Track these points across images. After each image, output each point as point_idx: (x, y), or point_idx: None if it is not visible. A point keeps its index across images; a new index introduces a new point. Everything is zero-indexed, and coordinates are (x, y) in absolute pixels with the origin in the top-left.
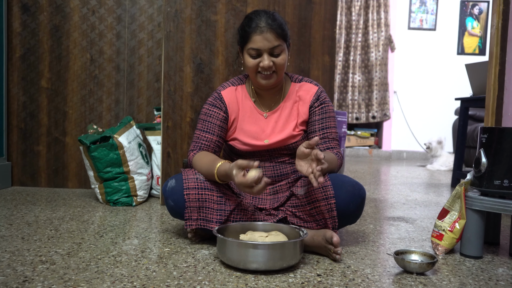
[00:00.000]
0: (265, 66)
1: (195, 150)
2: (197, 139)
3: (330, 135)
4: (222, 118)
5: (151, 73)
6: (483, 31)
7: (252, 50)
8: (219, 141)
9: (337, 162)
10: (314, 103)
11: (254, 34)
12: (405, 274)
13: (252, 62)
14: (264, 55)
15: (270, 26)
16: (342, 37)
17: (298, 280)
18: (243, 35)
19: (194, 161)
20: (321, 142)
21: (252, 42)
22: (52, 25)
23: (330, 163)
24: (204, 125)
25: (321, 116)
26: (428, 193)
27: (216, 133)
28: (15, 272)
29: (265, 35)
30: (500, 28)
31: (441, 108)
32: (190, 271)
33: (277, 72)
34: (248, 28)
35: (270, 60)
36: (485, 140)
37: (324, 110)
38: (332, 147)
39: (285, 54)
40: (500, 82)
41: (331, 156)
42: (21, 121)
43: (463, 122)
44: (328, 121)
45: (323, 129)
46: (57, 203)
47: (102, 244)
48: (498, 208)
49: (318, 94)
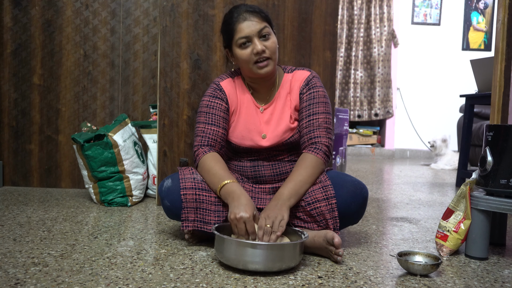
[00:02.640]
0: (258, 50)
1: (203, 145)
2: (202, 132)
3: (316, 122)
4: (224, 109)
5: (147, 69)
6: (489, 26)
7: (241, 39)
8: (224, 134)
9: (319, 162)
10: (303, 89)
11: (238, 23)
12: (409, 276)
13: (245, 53)
14: (254, 40)
15: (252, 10)
16: (343, 32)
17: (298, 283)
18: (228, 29)
19: (203, 161)
20: (305, 132)
21: (239, 32)
22: (44, 20)
23: (309, 177)
24: (208, 117)
25: (308, 102)
26: (432, 192)
27: (221, 125)
28: (7, 275)
29: (249, 21)
30: (506, 22)
31: (445, 105)
32: (187, 273)
33: (272, 57)
34: (231, 20)
35: (262, 44)
36: (491, 138)
37: (312, 95)
38: (315, 137)
39: (274, 37)
40: (506, 79)
41: (307, 166)
42: (13, 119)
43: (468, 120)
44: (315, 107)
45: (309, 116)
46: (50, 204)
47: (96, 245)
48: (504, 208)
49: (309, 79)
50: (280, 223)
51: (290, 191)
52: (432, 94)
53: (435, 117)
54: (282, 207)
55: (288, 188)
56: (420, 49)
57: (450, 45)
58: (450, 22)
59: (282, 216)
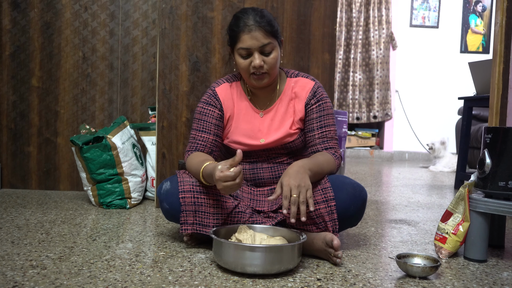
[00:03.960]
0: (256, 65)
1: (191, 150)
2: (193, 139)
3: (328, 134)
4: (217, 116)
5: (146, 72)
6: (487, 28)
7: (242, 50)
8: (216, 140)
9: (334, 163)
10: (310, 100)
11: (243, 33)
12: (408, 278)
13: (243, 63)
14: (255, 54)
15: (259, 24)
16: (342, 34)
17: (297, 285)
18: (232, 35)
19: (187, 162)
20: (319, 142)
21: (241, 42)
22: (43, 22)
23: (326, 166)
24: (200, 124)
25: (318, 114)
26: (431, 195)
27: (212, 132)
28: (5, 277)
29: (253, 34)
30: (504, 25)
31: (444, 108)
32: (186, 276)
33: (269, 72)
34: (236, 28)
35: (261, 59)
36: (489, 140)
37: (321, 107)
38: (330, 147)
39: (276, 52)
40: (504, 81)
41: (326, 158)
42: (11, 121)
43: (466, 122)
44: (326, 119)
45: (321, 128)
46: (48, 206)
47: (95, 248)
48: (503, 210)
49: (315, 90)
50: (307, 192)
51: (310, 164)
52: (431, 97)
53: (433, 120)
54: (305, 174)
55: (307, 161)
56: (418, 52)
57: (449, 47)
58: (448, 25)
59: (308, 184)
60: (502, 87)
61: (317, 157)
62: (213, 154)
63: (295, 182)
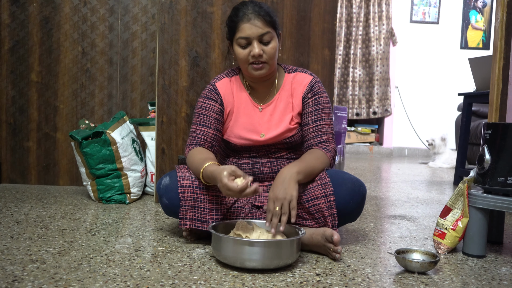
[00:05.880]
0: (255, 54)
1: (192, 145)
2: (193, 133)
3: (323, 128)
4: (217, 111)
5: (145, 67)
6: (487, 24)
7: (241, 39)
8: (216, 134)
9: (327, 158)
10: (307, 93)
11: (242, 22)
12: (407, 274)
13: (242, 53)
14: (253, 42)
15: (258, 13)
16: (342, 30)
17: (296, 280)
18: (231, 25)
19: (188, 157)
20: (313, 136)
21: (240, 31)
22: (42, 17)
23: (317, 164)
24: (200, 118)
25: (314, 107)
26: (430, 191)
27: (212, 126)
28: (4, 272)
29: (253, 22)
30: (505, 21)
31: (443, 104)
32: (185, 271)
33: (268, 62)
34: (236, 17)
35: (261, 48)
36: (489, 136)
37: (317, 101)
38: (323, 141)
39: (275, 42)
40: (504, 77)
41: (316, 155)
42: (10, 116)
43: (466, 118)
44: (321, 112)
45: (316, 121)
46: (47, 201)
47: (94, 242)
48: (502, 206)
49: (312, 84)
50: (290, 204)
51: (298, 167)
52: (431, 93)
53: (433, 116)
54: (290, 183)
55: (296, 164)
56: (418, 48)
57: (449, 43)
58: (449, 21)
59: (290, 196)
60: (502, 83)
61: (306, 157)
62: (213, 148)
63: (279, 195)
